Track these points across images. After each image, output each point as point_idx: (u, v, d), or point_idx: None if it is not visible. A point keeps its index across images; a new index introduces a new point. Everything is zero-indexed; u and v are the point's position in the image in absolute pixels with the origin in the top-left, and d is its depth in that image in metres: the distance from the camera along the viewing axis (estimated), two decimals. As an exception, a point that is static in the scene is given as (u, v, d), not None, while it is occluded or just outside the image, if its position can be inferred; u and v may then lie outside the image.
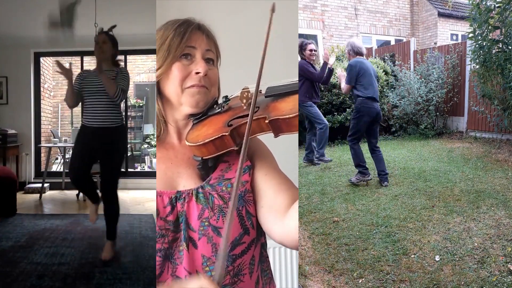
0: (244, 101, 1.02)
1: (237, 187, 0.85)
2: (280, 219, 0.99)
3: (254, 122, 0.96)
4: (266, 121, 0.95)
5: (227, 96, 1.09)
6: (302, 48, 4.69)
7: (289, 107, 0.95)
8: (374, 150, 3.95)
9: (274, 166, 1.09)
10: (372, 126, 3.94)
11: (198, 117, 1.07)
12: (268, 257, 1.14)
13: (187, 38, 1.05)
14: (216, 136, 0.98)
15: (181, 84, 1.05)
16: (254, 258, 1.06)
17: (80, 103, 3.09)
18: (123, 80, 3.02)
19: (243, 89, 1.05)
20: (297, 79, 1.03)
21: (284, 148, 2.09)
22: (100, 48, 3.05)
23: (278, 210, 1.00)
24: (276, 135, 0.97)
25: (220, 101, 1.10)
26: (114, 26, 3.15)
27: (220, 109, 1.06)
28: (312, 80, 4.64)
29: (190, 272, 1.01)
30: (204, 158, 1.02)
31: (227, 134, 0.97)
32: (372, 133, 3.97)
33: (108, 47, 3.07)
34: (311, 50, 4.68)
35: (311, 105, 4.72)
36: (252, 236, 1.04)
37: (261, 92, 1.05)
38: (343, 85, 4.08)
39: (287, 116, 0.93)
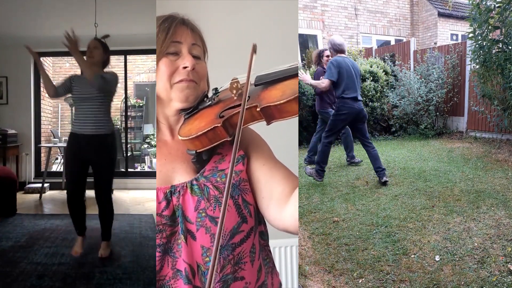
0: (234, 91, 1.02)
1: (230, 179, 0.86)
2: (282, 208, 1.00)
3: (246, 111, 0.96)
4: (258, 109, 0.95)
5: (216, 88, 1.10)
6: (320, 56, 4.93)
7: (279, 93, 0.95)
8: (367, 146, 3.96)
9: (270, 156, 1.10)
10: (357, 124, 3.96)
11: (189, 112, 1.07)
12: (267, 245, 1.14)
13: (172, 34, 1.05)
14: (209, 128, 0.98)
15: (169, 80, 1.05)
16: (255, 247, 1.07)
17: (59, 95, 3.13)
18: (109, 75, 3.00)
19: (232, 80, 1.05)
20: (288, 66, 1.03)
21: (284, 137, 2.09)
22: (91, 52, 3.08)
23: (279, 199, 1.01)
24: (268, 123, 0.97)
25: (210, 94, 1.10)
26: (107, 36, 3.21)
27: (210, 102, 1.06)
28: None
29: (190, 263, 1.02)
30: (198, 151, 1.02)
31: (219, 125, 0.97)
32: (359, 132, 3.99)
33: (99, 53, 3.09)
34: (327, 56, 4.84)
35: (331, 111, 4.75)
36: (251, 224, 1.05)
37: (251, 83, 1.05)
38: (323, 81, 4.00)
39: (278, 103, 0.93)
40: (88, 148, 2.98)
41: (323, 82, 4.00)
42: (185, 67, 1.05)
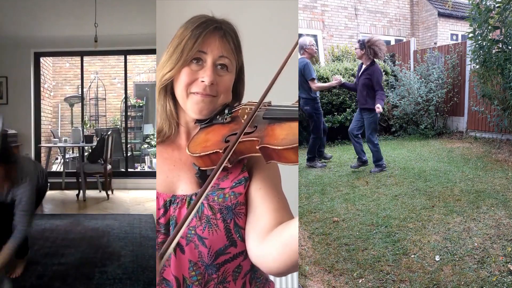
0: (245, 117, 1.01)
1: (203, 194, 0.84)
2: (260, 241, 0.95)
3: (248, 142, 0.95)
4: (257, 147, 0.94)
5: (230, 107, 1.08)
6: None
7: (281, 136, 0.93)
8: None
9: (273, 182, 1.05)
10: None
11: (205, 123, 1.07)
12: None
13: (200, 43, 1.03)
14: (212, 151, 0.98)
15: (186, 89, 1.04)
16: (241, 267, 1.05)
17: None
18: (27, 200, 2.44)
19: (246, 104, 1.04)
20: (297, 102, 1.02)
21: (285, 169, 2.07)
22: None
23: (260, 231, 0.96)
24: (267, 162, 0.95)
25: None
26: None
27: (222, 121, 1.05)
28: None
29: (177, 276, 1.02)
30: (201, 168, 1.03)
31: (220, 151, 0.97)
32: None
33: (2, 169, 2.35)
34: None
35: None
36: (240, 248, 1.02)
37: (269, 105, 1.03)
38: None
39: (277, 148, 0.91)
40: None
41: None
42: (202, 81, 1.03)
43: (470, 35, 4.95)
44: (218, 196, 1.01)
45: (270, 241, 0.92)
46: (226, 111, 1.07)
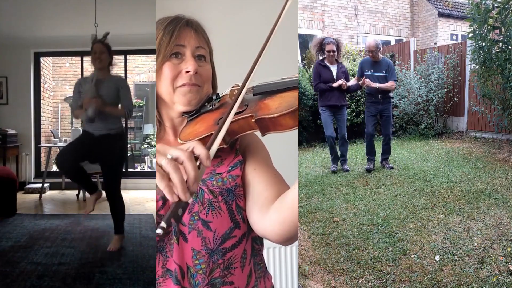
0: (234, 98, 1.03)
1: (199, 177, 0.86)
2: (264, 212, 0.99)
3: (242, 120, 0.97)
4: (253, 120, 0.95)
5: (218, 94, 1.10)
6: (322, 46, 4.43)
7: (275, 105, 0.95)
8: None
9: (265, 161, 1.10)
10: None
11: (192, 114, 1.08)
12: (261, 250, 1.15)
13: (176, 37, 1.05)
14: (206, 135, 0.99)
15: (172, 84, 1.06)
16: (246, 252, 1.07)
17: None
18: (127, 95, 3.22)
19: (233, 87, 1.06)
20: (289, 76, 1.03)
21: (284, 146, 2.08)
22: (98, 58, 3.20)
23: (263, 204, 1.00)
24: (263, 134, 0.97)
25: (214, 97, 1.10)
26: (107, 34, 3.29)
27: (211, 107, 1.07)
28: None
29: (180, 265, 1.02)
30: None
31: (214, 132, 0.98)
32: None
33: (106, 57, 3.22)
34: (332, 52, 4.31)
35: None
36: (243, 230, 1.05)
37: (253, 88, 1.05)
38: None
39: (272, 116, 0.93)
40: (99, 146, 3.18)
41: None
42: (187, 72, 1.05)
43: (470, 35, 4.95)
44: (216, 181, 1.04)
45: (274, 208, 0.96)
46: (214, 97, 1.08)
